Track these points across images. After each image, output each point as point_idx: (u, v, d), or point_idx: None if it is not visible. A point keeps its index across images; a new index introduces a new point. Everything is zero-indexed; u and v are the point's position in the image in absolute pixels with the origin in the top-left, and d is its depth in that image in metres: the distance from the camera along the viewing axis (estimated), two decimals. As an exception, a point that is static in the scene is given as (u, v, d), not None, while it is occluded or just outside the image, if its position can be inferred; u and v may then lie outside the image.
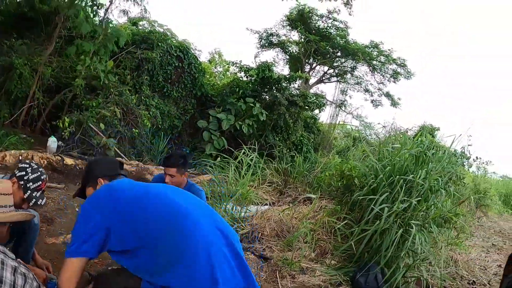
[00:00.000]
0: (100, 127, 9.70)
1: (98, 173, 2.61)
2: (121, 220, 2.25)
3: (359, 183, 6.29)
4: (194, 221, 2.25)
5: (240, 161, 8.04)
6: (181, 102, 13.19)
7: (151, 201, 2.33)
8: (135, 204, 2.30)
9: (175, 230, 2.21)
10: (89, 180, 2.64)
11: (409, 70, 17.68)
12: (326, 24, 17.64)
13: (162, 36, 12.69)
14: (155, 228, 2.22)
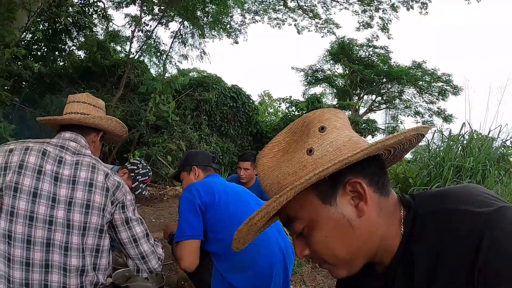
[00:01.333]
0: (167, 159, 10.29)
1: (193, 161, 2.96)
2: (213, 210, 2.53)
3: (413, 182, 6.42)
4: (267, 235, 2.53)
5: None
6: (238, 139, 13.77)
7: (236, 203, 2.61)
8: (225, 201, 2.58)
9: None
10: (185, 166, 2.98)
11: (455, 85, 17.55)
12: (367, 52, 18.02)
13: (215, 79, 13.54)
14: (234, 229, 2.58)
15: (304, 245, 0.99)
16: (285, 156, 0.97)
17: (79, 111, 2.22)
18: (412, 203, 0.97)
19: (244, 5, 15.66)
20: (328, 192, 0.92)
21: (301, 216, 0.95)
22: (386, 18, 15.86)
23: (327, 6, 16.24)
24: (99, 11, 12.40)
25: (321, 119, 0.96)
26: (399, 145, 1.00)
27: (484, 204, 0.85)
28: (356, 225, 0.92)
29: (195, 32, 13.32)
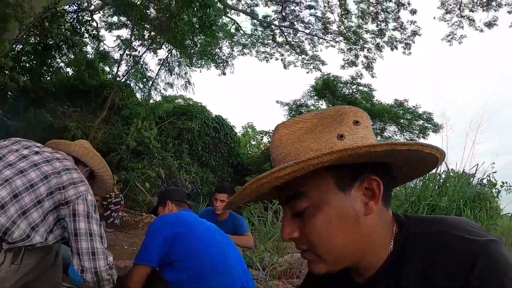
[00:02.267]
0: (145, 186, 10.17)
1: (169, 197, 3.19)
2: (181, 240, 2.65)
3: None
4: (230, 272, 2.70)
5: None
6: (218, 170, 13.72)
7: (205, 235, 2.78)
8: (195, 234, 2.73)
9: (218, 268, 2.67)
10: (161, 201, 3.21)
11: (436, 123, 17.68)
12: (351, 89, 18.17)
13: (200, 109, 13.58)
14: (202, 259, 2.65)
15: (296, 227, 0.97)
16: (309, 135, 0.97)
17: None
18: (405, 222, 0.99)
19: (233, 37, 15.93)
20: (346, 180, 0.93)
21: (311, 194, 0.93)
22: (370, 57, 16.36)
23: (314, 43, 16.72)
24: (91, 30, 12.46)
25: (356, 115, 0.98)
26: (408, 161, 0.99)
27: (477, 234, 0.88)
28: (361, 222, 0.93)
29: (182, 61, 13.45)
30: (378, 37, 15.52)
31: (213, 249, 2.71)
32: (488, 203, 7.61)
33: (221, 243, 2.80)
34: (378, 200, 0.93)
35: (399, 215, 1.02)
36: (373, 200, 0.93)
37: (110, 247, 6.29)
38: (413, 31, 15.06)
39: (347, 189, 0.93)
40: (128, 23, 12.28)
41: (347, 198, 0.93)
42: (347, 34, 15.79)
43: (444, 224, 0.93)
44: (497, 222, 8.89)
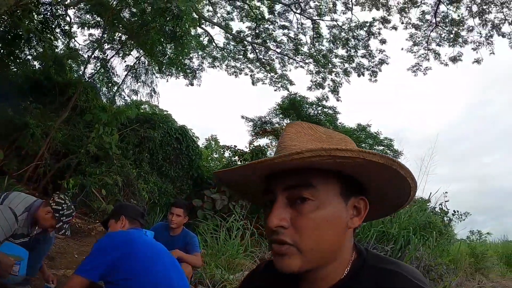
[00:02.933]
0: (102, 193, 9.93)
1: (123, 212, 3.24)
2: (128, 259, 2.70)
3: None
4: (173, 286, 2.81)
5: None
6: (177, 181, 13.53)
7: (150, 256, 2.83)
8: (141, 253, 2.78)
9: None
10: (114, 215, 3.23)
11: (396, 150, 18.26)
12: (317, 111, 18.56)
13: (163, 118, 13.44)
14: (146, 279, 2.70)
15: (287, 216, 0.98)
16: (319, 143, 1.03)
17: None
18: (364, 253, 1.06)
19: (205, 49, 15.92)
20: (348, 191, 1.01)
21: (319, 189, 0.97)
22: (337, 81, 16.68)
23: (284, 62, 16.92)
24: (64, 25, 12.13)
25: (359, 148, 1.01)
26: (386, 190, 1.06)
27: (423, 283, 0.95)
28: (345, 233, 1.02)
29: (150, 68, 13.31)
30: (346, 63, 15.86)
31: (157, 269, 2.75)
32: (436, 231, 7.87)
33: (165, 264, 2.87)
34: (361, 219, 1.04)
35: (359, 245, 1.09)
36: (358, 217, 1.03)
37: (60, 255, 6.15)
38: (381, 60, 15.49)
39: (346, 200, 1.01)
40: (101, 23, 12.06)
41: (344, 207, 1.00)
42: (317, 57, 16.06)
43: (399, 265, 0.99)
44: (448, 248, 9.21)
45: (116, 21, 10.90)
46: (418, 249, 6.69)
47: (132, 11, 11.53)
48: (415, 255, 6.49)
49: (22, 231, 3.48)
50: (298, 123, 1.09)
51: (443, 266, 7.32)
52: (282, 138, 1.07)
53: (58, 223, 3.50)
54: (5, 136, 9.43)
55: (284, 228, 0.97)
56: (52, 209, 3.50)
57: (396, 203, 1.12)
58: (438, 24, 13.86)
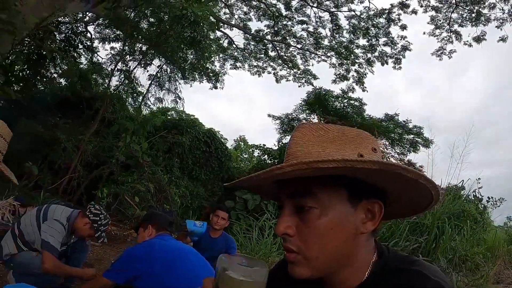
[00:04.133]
0: (135, 200, 10.18)
1: (150, 221, 3.37)
2: (149, 274, 2.85)
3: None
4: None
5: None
6: (209, 184, 13.72)
7: (177, 270, 2.92)
8: (164, 271, 2.88)
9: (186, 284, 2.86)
10: (143, 223, 3.38)
11: (426, 138, 17.56)
12: (343, 104, 18.28)
13: (191, 123, 13.64)
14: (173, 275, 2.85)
15: (293, 224, 0.99)
16: (330, 144, 1.00)
17: None
18: (386, 253, 1.04)
19: (226, 51, 16.05)
20: (357, 196, 0.98)
21: (321, 197, 0.96)
22: (361, 72, 16.52)
23: (306, 58, 16.87)
24: (85, 41, 12.53)
25: (375, 143, 1.05)
26: (406, 194, 1.04)
27: (443, 280, 0.94)
28: (355, 239, 0.98)
29: (173, 75, 13.56)
30: (369, 52, 15.68)
31: (180, 270, 2.87)
32: (471, 219, 7.65)
33: (191, 263, 3.01)
34: (376, 223, 1.00)
35: (381, 245, 1.07)
36: (372, 221, 1.00)
37: (97, 261, 6.36)
38: (404, 46, 15.23)
39: (355, 204, 0.98)
40: (121, 36, 12.39)
41: (353, 212, 0.97)
42: (338, 49, 15.94)
43: (420, 265, 0.98)
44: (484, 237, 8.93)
45: (135, 33, 11.16)
46: (453, 239, 6.54)
47: (149, 21, 11.79)
48: (450, 245, 6.34)
49: (64, 240, 3.69)
50: (306, 125, 1.06)
51: (479, 255, 7.12)
52: (289, 143, 1.05)
53: (97, 233, 3.71)
54: (37, 152, 9.85)
55: (290, 236, 0.99)
56: (90, 221, 3.70)
57: (418, 203, 1.08)
58: (458, 4, 13.54)
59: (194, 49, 11.22)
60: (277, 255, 7.65)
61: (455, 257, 6.29)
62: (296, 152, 1.01)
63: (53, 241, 3.48)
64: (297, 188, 0.98)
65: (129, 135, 10.63)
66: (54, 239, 3.49)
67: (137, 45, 12.35)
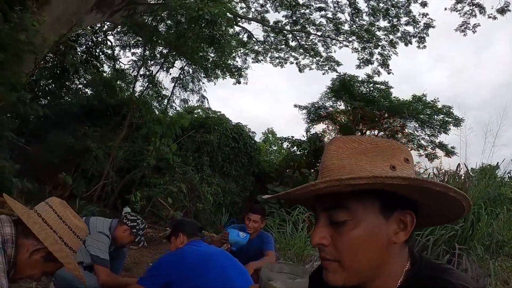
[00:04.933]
0: (168, 201, 10.37)
1: (181, 229, 3.43)
2: (181, 280, 2.92)
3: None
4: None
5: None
6: (240, 179, 13.82)
7: (210, 273, 2.99)
8: (196, 275, 2.96)
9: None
10: (174, 232, 3.45)
11: (456, 117, 17.30)
12: (368, 88, 18.13)
13: (217, 121, 13.74)
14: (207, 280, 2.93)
15: (328, 234, 1.02)
16: (362, 156, 1.03)
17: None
18: (418, 261, 1.07)
19: (246, 46, 16.05)
20: (389, 208, 1.01)
21: (354, 210, 1.00)
22: (385, 54, 16.20)
23: (327, 44, 16.66)
24: (106, 49, 12.80)
25: (408, 153, 1.07)
26: (436, 206, 1.07)
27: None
28: (388, 249, 1.01)
29: (196, 75, 13.69)
30: (391, 34, 15.37)
31: (210, 273, 2.94)
32: (508, 202, 7.39)
33: (221, 265, 3.05)
34: (409, 233, 1.02)
35: (415, 253, 1.10)
36: (404, 231, 1.02)
37: (135, 265, 6.49)
38: (426, 24, 14.84)
39: (387, 216, 1.01)
40: (141, 41, 12.60)
41: (385, 223, 1.00)
42: (359, 33, 15.68)
43: (449, 273, 1.01)
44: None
45: (154, 37, 11.31)
46: (489, 225, 6.36)
47: (167, 24, 11.91)
48: (487, 231, 6.16)
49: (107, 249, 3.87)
50: (338, 138, 1.09)
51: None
52: (323, 157, 1.08)
53: (137, 238, 3.88)
54: (70, 162, 10.14)
55: (325, 246, 1.02)
56: (129, 227, 3.85)
57: (450, 213, 1.10)
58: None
59: (214, 47, 11.31)
60: (312, 249, 7.67)
61: (492, 244, 6.13)
62: (330, 165, 1.04)
63: (102, 254, 3.69)
64: (331, 202, 1.01)
65: (157, 138, 10.82)
66: (102, 251, 3.70)
67: (157, 49, 12.51)
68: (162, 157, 10.95)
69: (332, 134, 20.04)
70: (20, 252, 1.71)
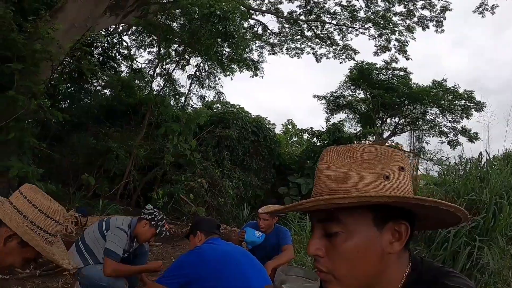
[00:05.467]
0: (189, 197, 10.48)
1: (199, 227, 3.50)
2: (200, 279, 3.00)
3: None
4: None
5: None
6: (261, 172, 13.86)
7: (228, 272, 3.06)
8: (214, 275, 3.03)
9: None
10: (192, 231, 3.51)
11: (478, 101, 17.14)
12: (387, 75, 18.11)
13: (236, 115, 13.78)
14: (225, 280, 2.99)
15: (323, 246, 1.04)
16: (357, 165, 1.03)
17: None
18: (419, 266, 1.08)
19: (261, 39, 16.00)
20: (382, 219, 1.01)
21: (347, 222, 1.00)
22: (402, 40, 15.96)
23: (343, 33, 16.52)
24: (122, 51, 12.96)
25: (404, 161, 1.05)
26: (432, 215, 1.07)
27: None
28: (382, 259, 1.02)
29: (212, 71, 13.74)
30: (407, 19, 15.13)
31: (229, 272, 3.02)
32: None
33: (240, 264, 3.14)
34: (403, 243, 1.02)
35: (416, 257, 1.11)
36: (399, 241, 1.02)
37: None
38: (442, 7, 14.60)
39: (381, 227, 1.01)
40: (155, 41, 12.72)
41: (378, 234, 1.01)
42: (375, 20, 15.45)
43: (449, 277, 1.03)
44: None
45: (168, 36, 11.39)
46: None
47: (180, 23, 11.98)
48: (510, 222, 6.01)
49: (128, 247, 3.99)
50: (332, 148, 1.08)
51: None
52: (317, 168, 1.09)
53: (157, 229, 3.97)
54: (92, 163, 10.35)
55: (320, 257, 1.04)
56: (147, 220, 3.95)
57: (446, 220, 1.11)
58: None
59: (228, 42, 11.34)
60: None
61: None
62: (323, 177, 1.05)
63: (114, 247, 3.77)
64: (324, 214, 1.03)
65: (175, 136, 10.93)
66: (115, 245, 3.78)
67: (172, 47, 12.61)
68: (182, 154, 11.07)
69: (353, 123, 20.00)
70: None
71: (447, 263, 5.14)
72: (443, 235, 5.35)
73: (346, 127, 17.51)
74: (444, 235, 5.36)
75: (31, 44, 7.13)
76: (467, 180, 6.23)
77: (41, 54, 7.23)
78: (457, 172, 6.89)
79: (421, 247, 5.71)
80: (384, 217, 1.01)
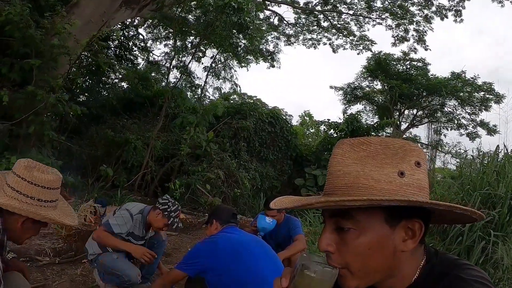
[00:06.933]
0: (206, 188, 10.60)
1: (215, 216, 3.58)
2: (214, 268, 3.08)
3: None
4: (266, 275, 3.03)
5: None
6: (278, 164, 13.91)
7: (240, 262, 3.11)
8: (227, 265, 3.08)
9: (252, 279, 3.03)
10: (209, 220, 3.61)
11: (498, 93, 16.90)
12: (405, 66, 17.93)
13: (253, 106, 13.85)
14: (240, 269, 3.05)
15: (334, 241, 1.04)
16: (370, 160, 1.02)
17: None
18: (434, 258, 1.08)
19: (277, 29, 15.98)
20: (395, 217, 1.00)
21: (359, 219, 1.00)
22: (421, 30, 15.76)
23: (360, 23, 16.39)
24: (139, 43, 13.10)
25: (420, 156, 1.03)
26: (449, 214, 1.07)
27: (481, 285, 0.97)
28: (395, 256, 1.02)
29: (227, 63, 13.81)
30: (425, 8, 14.91)
31: (243, 261, 3.07)
32: None
33: (253, 253, 3.19)
34: (417, 241, 1.03)
35: (431, 249, 1.11)
36: (412, 239, 1.02)
37: (175, 250, 6.73)
38: (461, -4, 14.32)
39: (393, 225, 1.01)
40: (171, 33, 12.82)
41: (391, 232, 1.01)
42: (392, 9, 15.29)
43: (463, 269, 1.02)
44: None
45: (184, 28, 11.49)
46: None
47: (196, 15, 12.06)
48: None
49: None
50: (346, 141, 1.07)
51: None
52: (330, 161, 1.07)
53: (170, 220, 3.94)
54: (110, 155, 10.53)
55: (331, 252, 1.04)
56: (161, 210, 3.95)
57: (462, 219, 1.11)
58: None
59: (243, 33, 11.39)
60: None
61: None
62: (336, 172, 1.04)
63: (111, 220, 3.83)
64: (338, 210, 1.02)
65: (192, 127, 11.04)
66: (113, 219, 3.84)
67: (188, 39, 12.71)
68: (198, 145, 11.19)
69: (370, 114, 19.85)
70: (13, 225, 1.97)
71: (461, 257, 5.10)
72: (457, 229, 5.30)
73: (363, 118, 17.37)
74: (458, 229, 5.30)
75: (48, 40, 7.29)
76: (483, 174, 6.16)
77: (58, 49, 7.39)
78: (475, 165, 6.80)
79: (435, 241, 5.70)
80: (397, 215, 1.01)
